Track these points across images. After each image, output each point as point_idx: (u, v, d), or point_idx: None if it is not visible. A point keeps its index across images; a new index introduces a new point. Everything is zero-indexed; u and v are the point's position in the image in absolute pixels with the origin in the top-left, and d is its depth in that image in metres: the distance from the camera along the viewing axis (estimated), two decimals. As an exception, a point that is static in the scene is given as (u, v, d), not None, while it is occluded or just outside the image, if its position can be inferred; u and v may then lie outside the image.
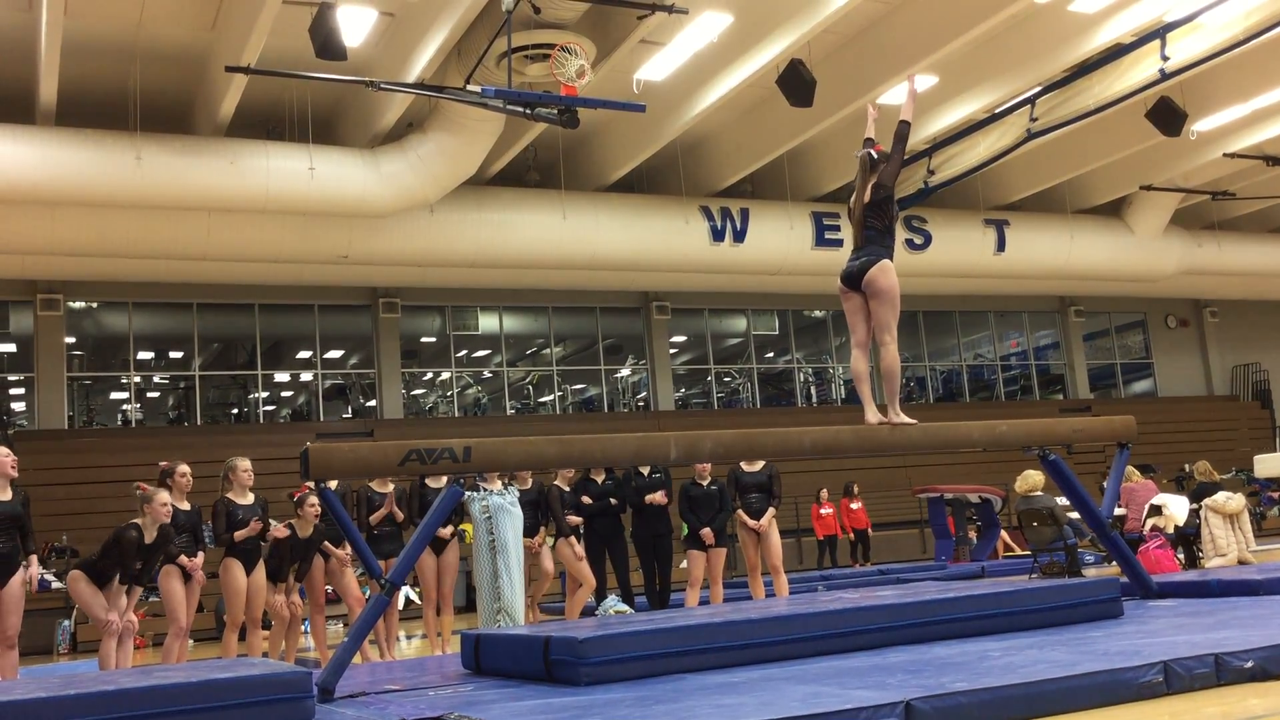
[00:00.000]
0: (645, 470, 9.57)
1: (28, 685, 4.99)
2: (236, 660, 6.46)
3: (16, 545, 6.82)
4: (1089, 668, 4.29)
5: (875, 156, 6.59)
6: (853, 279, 6.43)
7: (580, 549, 9.32)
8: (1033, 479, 11.74)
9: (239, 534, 7.61)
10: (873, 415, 6.50)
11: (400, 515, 8.71)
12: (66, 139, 13.74)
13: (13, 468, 6.85)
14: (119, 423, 18.33)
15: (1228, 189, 21.14)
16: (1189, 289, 24.22)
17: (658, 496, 9.50)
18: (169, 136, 14.34)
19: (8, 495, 6.79)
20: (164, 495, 7.26)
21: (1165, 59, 14.03)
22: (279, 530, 7.81)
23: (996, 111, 16.34)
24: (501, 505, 8.69)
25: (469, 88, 11.93)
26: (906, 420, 6.45)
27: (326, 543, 8.32)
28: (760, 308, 22.07)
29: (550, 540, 9.57)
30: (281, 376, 19.90)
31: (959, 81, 15.77)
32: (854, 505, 16.39)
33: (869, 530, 16.46)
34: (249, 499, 7.79)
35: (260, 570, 7.88)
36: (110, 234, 14.87)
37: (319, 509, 8.02)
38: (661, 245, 18.12)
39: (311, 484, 7.40)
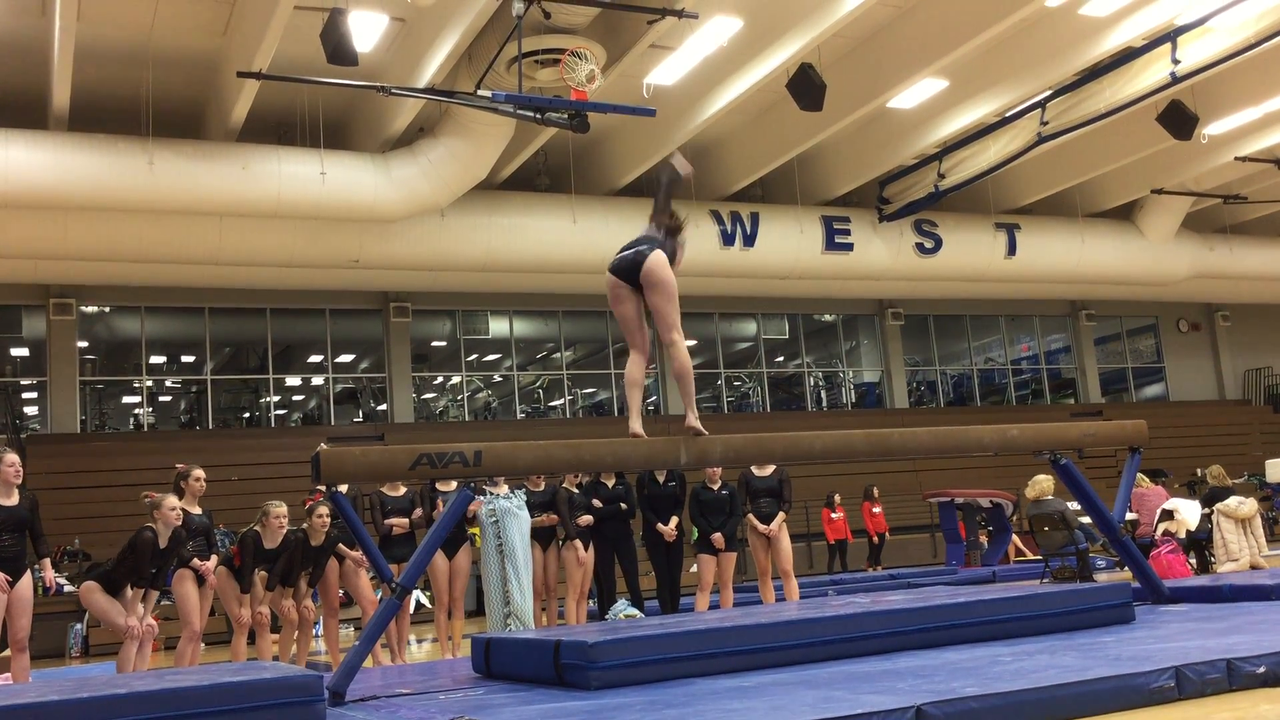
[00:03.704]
0: (661, 478, 9.57)
1: (40, 688, 5.01)
2: (248, 664, 6.48)
3: (24, 548, 6.85)
4: (1100, 673, 4.28)
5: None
6: (624, 270, 5.94)
7: (585, 553, 9.32)
8: (1042, 484, 11.72)
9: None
10: (637, 425, 6.03)
11: (419, 511, 8.72)
12: (79, 144, 13.81)
13: (16, 475, 6.85)
14: (131, 427, 18.39)
15: (1239, 192, 21.09)
16: (1200, 293, 24.15)
17: (669, 530, 9.51)
18: (181, 141, 14.40)
19: (13, 500, 6.81)
20: (172, 500, 7.28)
21: (1176, 62, 14.01)
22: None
23: (1007, 115, 16.33)
24: (508, 509, 8.70)
25: (480, 93, 11.97)
26: (701, 428, 6.02)
27: (341, 545, 8.33)
28: (770, 311, 22.07)
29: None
30: (293, 380, 19.95)
31: (969, 85, 15.77)
32: (875, 509, 16.38)
33: (886, 534, 16.47)
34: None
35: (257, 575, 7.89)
36: (122, 238, 14.93)
37: (327, 520, 8.04)
38: (671, 249, 18.09)
39: (323, 490, 7.45)
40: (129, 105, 14.41)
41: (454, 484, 8.19)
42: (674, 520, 9.56)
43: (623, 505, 9.62)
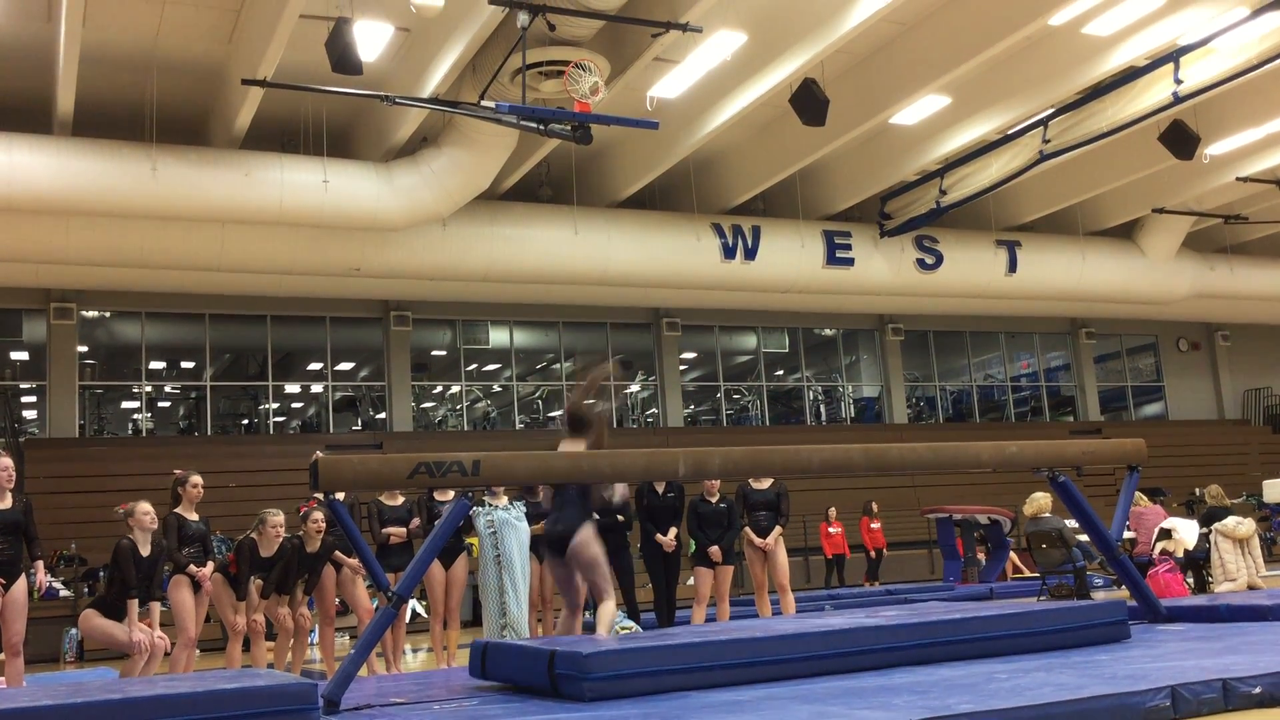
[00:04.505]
0: (660, 489, 9.54)
1: (34, 693, 5.00)
2: (243, 671, 6.47)
3: (18, 552, 6.84)
4: (1096, 691, 4.28)
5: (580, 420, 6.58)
6: (556, 546, 6.41)
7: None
8: (1039, 501, 11.71)
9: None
10: None
11: (416, 521, 8.70)
12: (83, 149, 13.83)
13: (8, 480, 6.85)
14: (130, 432, 18.39)
15: (1240, 213, 21.11)
16: (1201, 312, 24.17)
17: (668, 540, 9.46)
18: (185, 148, 14.42)
19: (7, 504, 6.81)
20: (145, 505, 7.29)
21: (1179, 82, 14.04)
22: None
23: (1009, 133, 16.36)
24: (506, 520, 8.69)
25: (483, 103, 11.99)
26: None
27: (338, 553, 8.32)
28: (770, 325, 22.09)
29: None
30: (292, 388, 19.95)
31: (972, 102, 15.81)
32: (874, 524, 16.37)
33: (884, 549, 16.47)
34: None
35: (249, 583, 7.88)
36: (124, 244, 14.95)
37: (322, 525, 8.04)
38: (673, 262, 18.15)
39: (320, 496, 7.44)
40: (133, 111, 14.44)
41: (451, 494, 8.18)
42: (673, 531, 9.52)
43: (620, 517, 9.59)
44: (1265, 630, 6.05)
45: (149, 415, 18.39)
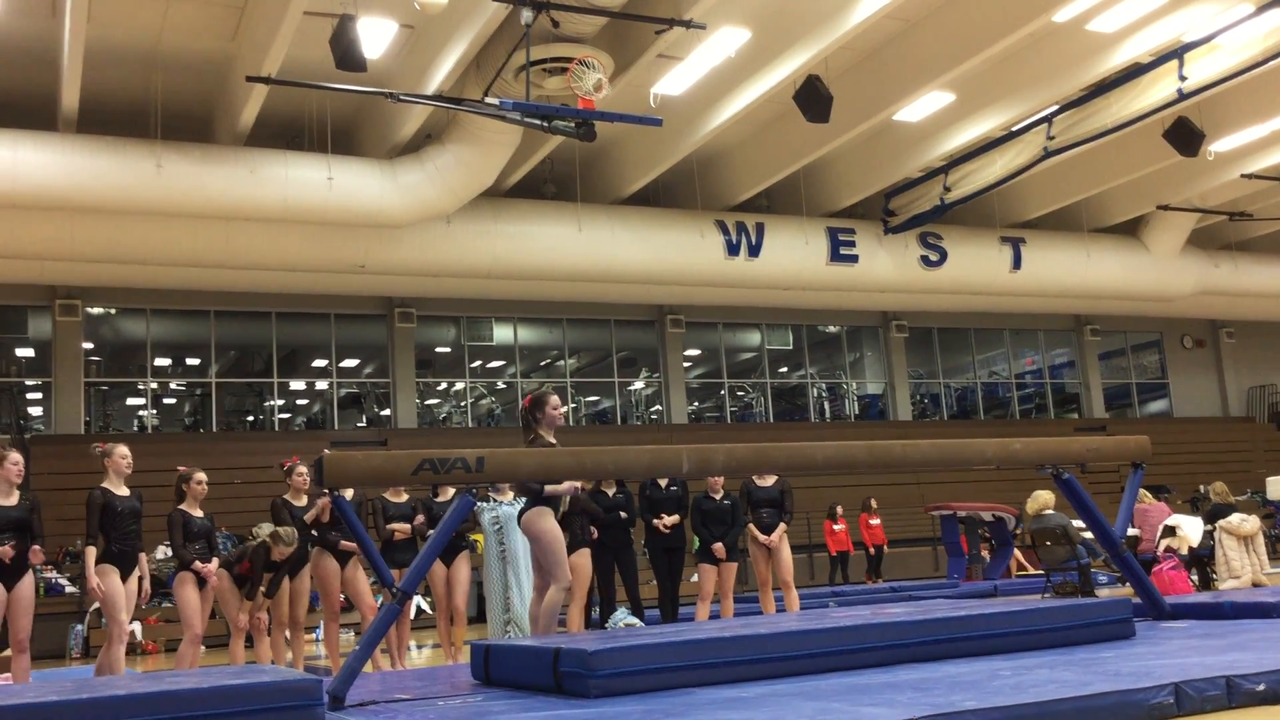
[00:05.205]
0: (663, 483, 9.55)
1: (40, 688, 5.02)
2: (247, 667, 6.48)
3: (25, 549, 6.84)
4: (1100, 688, 4.27)
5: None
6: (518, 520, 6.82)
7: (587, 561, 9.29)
8: (1042, 499, 11.70)
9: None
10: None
11: (421, 518, 8.71)
12: (88, 146, 13.85)
13: (17, 475, 6.86)
14: (135, 429, 18.41)
15: (1245, 210, 21.09)
16: (1205, 309, 24.15)
17: (668, 522, 9.43)
18: (189, 145, 14.44)
19: (12, 500, 6.82)
20: (123, 449, 7.30)
21: (1183, 79, 14.02)
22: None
23: (1014, 129, 16.34)
24: (512, 516, 8.69)
25: (487, 100, 12.00)
26: None
27: (343, 541, 8.31)
28: (775, 322, 22.08)
29: None
30: (297, 385, 19.97)
31: (976, 99, 15.80)
32: (873, 521, 16.37)
33: (884, 546, 16.47)
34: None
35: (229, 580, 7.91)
36: (129, 241, 14.97)
37: (308, 480, 8.08)
38: (677, 259, 18.15)
39: (311, 473, 7.48)
40: (137, 108, 14.46)
41: (451, 491, 8.22)
42: (675, 517, 9.50)
43: (623, 514, 9.59)
44: (1269, 627, 6.04)
45: (154, 412, 18.42)
